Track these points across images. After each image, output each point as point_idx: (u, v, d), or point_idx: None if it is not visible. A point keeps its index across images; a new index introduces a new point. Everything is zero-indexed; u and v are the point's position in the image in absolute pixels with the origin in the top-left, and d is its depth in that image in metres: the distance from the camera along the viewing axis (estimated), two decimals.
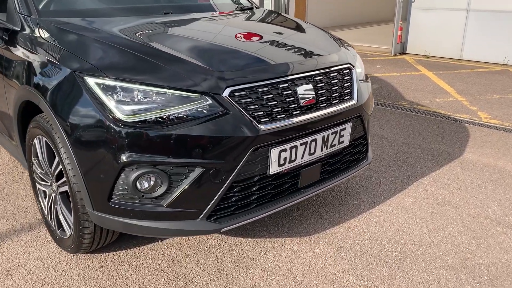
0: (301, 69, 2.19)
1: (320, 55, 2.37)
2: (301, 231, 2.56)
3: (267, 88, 2.04)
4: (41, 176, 2.38)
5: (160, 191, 1.90)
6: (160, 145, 1.84)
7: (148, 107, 1.86)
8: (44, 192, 2.41)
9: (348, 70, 2.44)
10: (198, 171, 1.89)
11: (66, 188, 2.14)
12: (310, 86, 2.18)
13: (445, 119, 4.73)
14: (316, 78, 2.24)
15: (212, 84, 1.93)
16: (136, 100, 1.87)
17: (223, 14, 3.02)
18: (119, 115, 1.84)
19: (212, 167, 1.90)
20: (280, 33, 2.68)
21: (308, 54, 2.36)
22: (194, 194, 1.91)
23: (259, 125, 1.96)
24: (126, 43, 2.12)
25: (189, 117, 1.88)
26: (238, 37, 2.41)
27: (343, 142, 2.36)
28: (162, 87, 1.88)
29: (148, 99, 1.88)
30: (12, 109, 2.43)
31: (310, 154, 2.18)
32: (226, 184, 1.93)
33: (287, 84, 2.11)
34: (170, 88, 1.88)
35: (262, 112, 2.00)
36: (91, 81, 1.89)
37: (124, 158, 1.83)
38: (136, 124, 1.84)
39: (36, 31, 2.31)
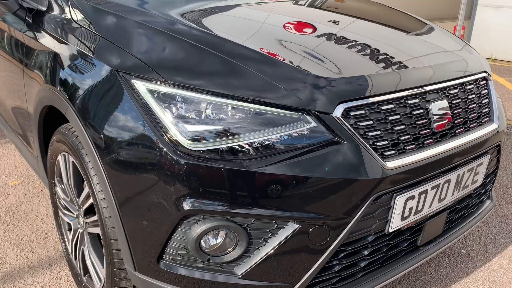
0: (433, 78, 1.53)
1: (451, 60, 1.69)
2: None
3: (392, 105, 1.39)
4: (65, 204, 1.82)
5: (234, 253, 1.29)
6: (238, 188, 1.22)
7: (222, 129, 1.25)
8: (69, 224, 1.85)
9: (484, 82, 1.76)
10: (291, 228, 1.26)
11: (97, 230, 1.57)
12: (445, 103, 1.52)
13: None
14: (451, 92, 1.57)
15: (318, 97, 1.29)
16: (204, 117, 1.26)
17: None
18: (181, 138, 1.23)
19: (313, 223, 1.26)
20: (393, 28, 1.99)
21: (436, 57, 1.68)
22: (283, 261, 1.29)
23: (383, 161, 1.32)
24: (191, 33, 1.50)
25: (281, 147, 1.25)
26: (346, 29, 1.76)
27: (476, 181, 1.68)
28: (245, 100, 1.26)
29: (222, 116, 1.26)
30: (33, 111, 1.86)
31: (439, 200, 1.53)
32: (331, 249, 1.30)
33: (417, 100, 1.45)
34: (257, 101, 1.27)
35: (387, 141, 1.35)
36: (141, 86, 1.29)
37: (185, 204, 1.22)
38: (205, 154, 1.22)
39: (67, 12, 1.73)
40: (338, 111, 1.28)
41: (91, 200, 1.53)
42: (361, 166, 1.27)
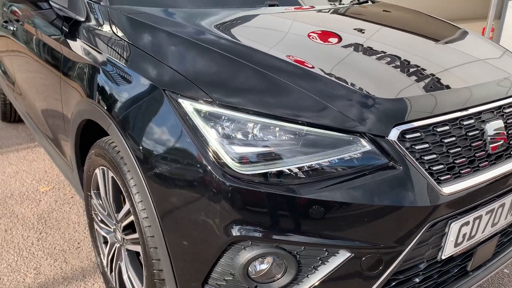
0: (487, 96, 1.46)
1: (505, 76, 1.61)
2: None
3: (448, 127, 1.32)
4: (101, 217, 1.80)
5: (282, 281, 1.23)
6: (289, 214, 1.17)
7: (272, 152, 1.20)
8: (104, 237, 1.83)
9: None
10: (342, 256, 1.21)
11: (137, 247, 1.54)
12: (500, 123, 1.44)
13: None
14: (506, 111, 1.50)
15: (373, 119, 1.23)
16: (253, 139, 1.21)
17: (352, 8, 2.30)
18: (229, 160, 1.19)
19: (366, 252, 1.21)
20: (437, 39, 1.92)
21: (489, 74, 1.61)
22: None
23: (439, 186, 1.26)
24: (236, 49, 1.45)
25: (333, 171, 1.19)
26: (389, 43, 1.69)
27: None
28: (296, 122, 1.21)
29: (272, 138, 1.21)
30: (70, 123, 1.84)
31: (492, 225, 1.45)
32: (383, 277, 1.24)
33: (472, 120, 1.38)
34: (308, 123, 1.21)
35: (442, 165, 1.29)
36: (188, 105, 1.25)
37: (234, 230, 1.18)
38: (255, 178, 1.18)
39: (107, 24, 1.71)
40: (393, 134, 1.22)
41: (131, 218, 1.50)
42: (417, 192, 1.21)
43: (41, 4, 2.03)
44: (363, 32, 1.85)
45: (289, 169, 1.19)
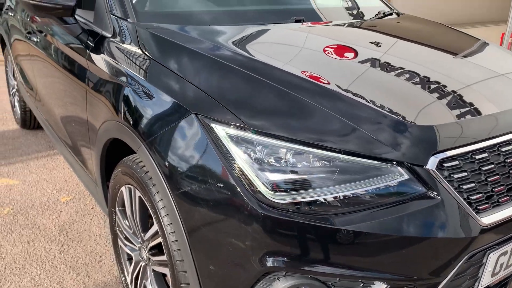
0: None
1: None
2: None
3: (486, 154, 1.29)
4: (126, 234, 1.79)
5: None
6: (324, 245, 1.15)
7: (306, 181, 1.18)
8: (129, 255, 1.82)
9: None
10: None
11: (165, 270, 1.53)
12: None
13: None
14: None
15: (411, 147, 1.20)
16: (286, 167, 1.18)
17: (378, 21, 2.27)
18: (263, 188, 1.17)
19: (402, 284, 1.18)
20: (468, 58, 1.88)
21: None
22: None
23: (478, 216, 1.22)
24: (266, 70, 1.43)
25: (370, 201, 1.16)
26: (427, 64, 1.66)
27: None
28: (332, 150, 1.19)
29: (306, 166, 1.19)
30: (96, 140, 1.84)
31: None
32: None
33: (510, 147, 1.34)
34: (345, 151, 1.19)
35: (481, 194, 1.25)
36: (220, 130, 1.24)
37: (268, 261, 1.16)
38: (289, 207, 1.16)
39: (134, 41, 1.70)
40: (432, 163, 1.19)
41: (159, 239, 1.49)
42: (456, 223, 1.18)
43: (67, 18, 2.04)
44: (396, 50, 1.82)
45: (324, 198, 1.16)
